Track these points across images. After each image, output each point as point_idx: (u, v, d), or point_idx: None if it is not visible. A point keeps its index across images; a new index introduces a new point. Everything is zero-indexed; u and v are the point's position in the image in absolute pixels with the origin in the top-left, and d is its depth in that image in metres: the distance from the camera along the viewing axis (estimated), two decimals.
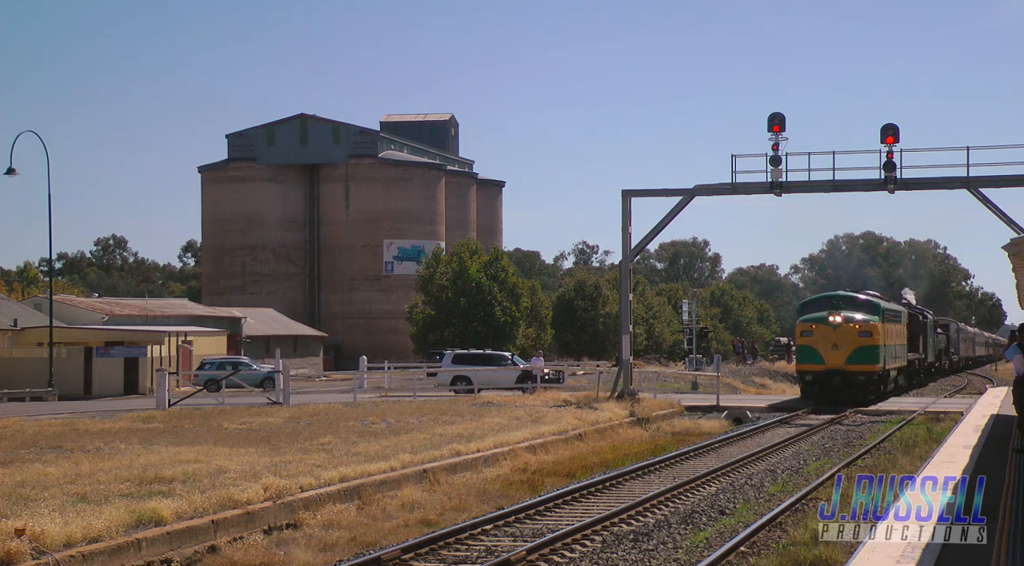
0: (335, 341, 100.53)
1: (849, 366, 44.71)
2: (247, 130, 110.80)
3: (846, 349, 44.77)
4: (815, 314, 46.95)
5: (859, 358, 44.70)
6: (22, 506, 17.08)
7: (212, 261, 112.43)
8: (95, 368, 59.69)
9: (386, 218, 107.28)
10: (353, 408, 39.53)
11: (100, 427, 32.48)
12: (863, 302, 48.25)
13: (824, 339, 45.30)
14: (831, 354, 44.79)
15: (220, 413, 38.12)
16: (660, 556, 15.50)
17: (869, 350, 45.02)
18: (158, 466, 21.84)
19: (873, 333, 45.43)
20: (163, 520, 16.84)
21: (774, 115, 42.76)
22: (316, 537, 17.72)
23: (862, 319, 45.76)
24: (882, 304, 49.15)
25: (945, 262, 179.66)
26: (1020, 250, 17.52)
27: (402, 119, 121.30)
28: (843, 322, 45.25)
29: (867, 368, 44.96)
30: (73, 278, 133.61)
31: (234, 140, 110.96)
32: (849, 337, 45.05)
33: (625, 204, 45.50)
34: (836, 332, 45.22)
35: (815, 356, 45.50)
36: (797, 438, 32.69)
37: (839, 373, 44.67)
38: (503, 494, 22.26)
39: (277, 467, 21.85)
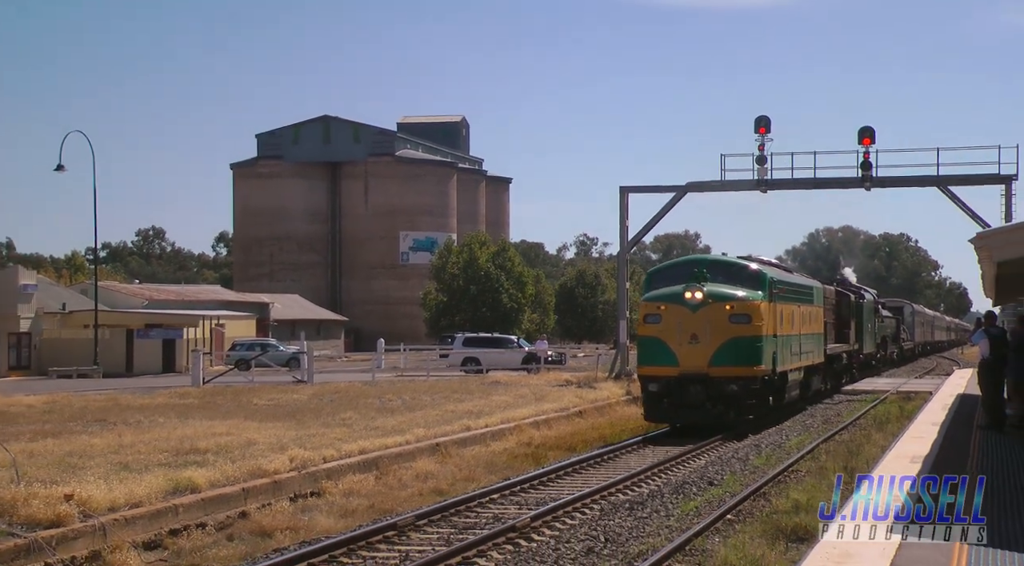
0: (355, 325, 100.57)
1: (715, 369, 26.46)
2: (275, 130, 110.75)
3: (711, 343, 26.51)
4: (666, 290, 27.63)
5: (731, 356, 26.56)
6: (70, 474, 17.11)
7: (242, 251, 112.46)
8: (136, 348, 59.82)
9: (402, 212, 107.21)
10: (371, 386, 39.55)
11: (140, 402, 32.55)
12: (742, 271, 28.57)
13: (678, 327, 26.66)
14: (688, 350, 26.60)
15: (250, 390, 38.20)
16: (653, 523, 15.52)
17: (746, 344, 26.70)
18: (193, 438, 21.89)
19: (753, 317, 26.85)
20: (198, 488, 16.88)
21: (760, 118, 42.72)
22: (338, 504, 17.74)
23: (739, 296, 27.22)
24: (773, 275, 29.50)
25: (917, 254, 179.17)
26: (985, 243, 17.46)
27: (417, 120, 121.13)
28: (706, 300, 26.67)
29: (743, 371, 26.61)
30: (116, 266, 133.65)
31: (263, 139, 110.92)
32: (716, 324, 26.56)
33: (623, 199, 45.47)
34: (696, 316, 26.54)
35: (663, 354, 26.92)
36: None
37: (700, 379, 26.56)
38: (509, 466, 22.26)
39: (302, 440, 21.88)
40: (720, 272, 28.12)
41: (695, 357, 26.64)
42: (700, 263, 28.93)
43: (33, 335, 60.60)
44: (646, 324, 27.67)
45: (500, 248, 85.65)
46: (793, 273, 36.15)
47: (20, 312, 59.18)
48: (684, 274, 27.78)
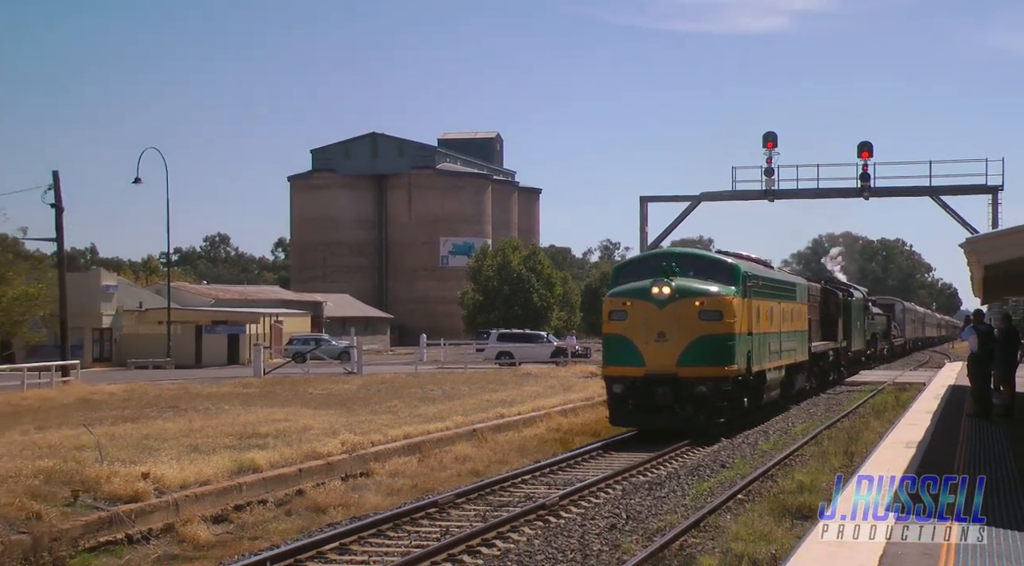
0: (399, 322, 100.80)
1: (683, 369, 22.46)
2: (327, 146, 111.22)
3: (679, 341, 22.50)
4: (632, 285, 23.52)
5: (700, 356, 22.54)
6: (146, 454, 17.25)
7: (298, 255, 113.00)
8: (204, 342, 60.32)
9: (442, 220, 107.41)
10: (414, 377, 39.61)
11: (208, 391, 32.74)
12: (714, 266, 24.41)
13: (644, 325, 22.66)
14: (654, 349, 22.59)
15: (305, 381, 38.33)
16: (671, 502, 15.47)
17: (717, 342, 22.68)
18: (255, 424, 21.97)
19: (725, 313, 22.78)
20: (259, 468, 16.95)
21: (768, 134, 42.51)
22: (384, 483, 17.78)
23: (710, 292, 23.04)
24: (748, 269, 24.99)
25: (911, 257, 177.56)
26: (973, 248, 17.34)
27: (456, 137, 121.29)
28: (674, 296, 22.57)
29: (714, 371, 22.59)
30: (186, 268, 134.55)
31: (317, 154, 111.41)
32: (684, 321, 22.54)
33: (643, 208, 45.35)
34: (663, 313, 22.52)
35: (629, 353, 22.84)
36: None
37: (668, 380, 22.50)
38: (539, 450, 22.23)
39: (352, 426, 21.92)
40: (691, 266, 23.92)
41: (662, 356, 22.51)
42: (669, 256, 24.38)
43: (114, 330, 61.25)
44: (611, 321, 23.31)
45: (531, 252, 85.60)
46: (775, 269, 31.25)
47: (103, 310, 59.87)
48: (653, 268, 23.48)
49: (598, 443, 22.08)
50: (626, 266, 26.30)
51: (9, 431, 21.18)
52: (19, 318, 43.71)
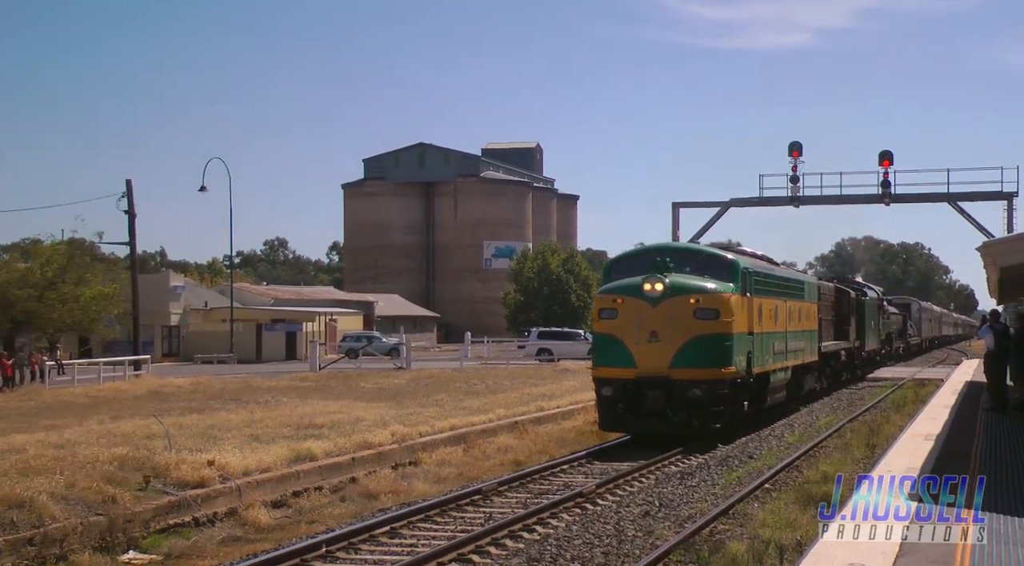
0: (445, 320, 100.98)
1: (677, 371, 19.69)
2: (378, 155, 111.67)
3: (672, 341, 19.73)
4: (624, 281, 20.70)
5: (695, 357, 19.72)
6: (211, 443, 17.40)
7: (352, 258, 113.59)
8: (264, 339, 60.86)
9: (485, 224, 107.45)
10: (459, 373, 39.65)
11: (268, 385, 32.98)
12: (712, 261, 21.50)
13: (635, 324, 19.89)
14: (646, 350, 19.81)
15: (358, 375, 38.53)
16: (701, 491, 15.38)
17: (714, 342, 19.82)
18: (311, 415, 22.07)
19: (722, 312, 19.96)
20: (315, 457, 17.06)
21: (793, 143, 42.27)
22: (432, 472, 17.82)
23: (706, 289, 20.23)
24: (749, 265, 22.11)
25: (930, 260, 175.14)
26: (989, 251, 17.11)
27: (498, 146, 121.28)
28: (667, 293, 19.83)
29: (709, 373, 19.74)
30: (247, 270, 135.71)
31: (368, 163, 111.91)
32: (678, 320, 19.75)
33: (675, 213, 45.19)
34: (656, 311, 19.78)
35: (619, 353, 20.04)
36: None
37: (660, 383, 19.72)
38: (577, 441, 22.12)
39: (401, 418, 22.00)
40: (687, 262, 21.13)
41: (654, 357, 19.70)
42: (664, 251, 21.40)
43: (181, 328, 61.94)
44: (601, 320, 20.55)
45: (569, 255, 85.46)
46: (781, 266, 27.96)
47: (171, 309, 60.59)
48: (646, 264, 20.67)
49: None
50: (619, 261, 22.90)
51: (87, 420, 21.52)
52: (96, 316, 44.44)
